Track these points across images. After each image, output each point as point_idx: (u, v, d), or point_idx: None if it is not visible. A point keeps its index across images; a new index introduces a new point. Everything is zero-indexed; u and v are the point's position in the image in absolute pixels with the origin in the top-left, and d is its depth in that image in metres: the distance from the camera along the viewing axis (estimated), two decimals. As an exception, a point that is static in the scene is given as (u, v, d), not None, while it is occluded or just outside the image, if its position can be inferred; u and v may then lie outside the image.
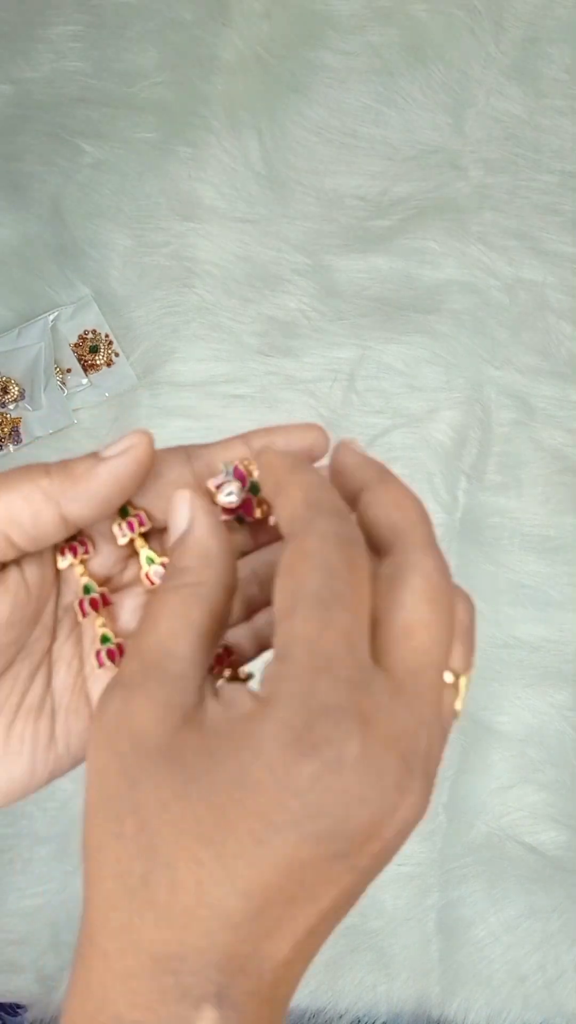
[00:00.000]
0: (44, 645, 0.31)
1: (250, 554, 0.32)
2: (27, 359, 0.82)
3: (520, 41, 0.89)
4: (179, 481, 0.31)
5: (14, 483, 0.28)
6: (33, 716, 0.30)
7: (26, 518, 0.28)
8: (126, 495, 0.29)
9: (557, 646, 0.80)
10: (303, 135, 0.87)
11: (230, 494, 0.30)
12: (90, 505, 0.28)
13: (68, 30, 0.87)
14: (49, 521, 0.28)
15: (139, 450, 0.29)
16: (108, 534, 0.31)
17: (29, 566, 0.30)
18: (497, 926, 0.76)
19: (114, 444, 0.29)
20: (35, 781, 0.30)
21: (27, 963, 0.74)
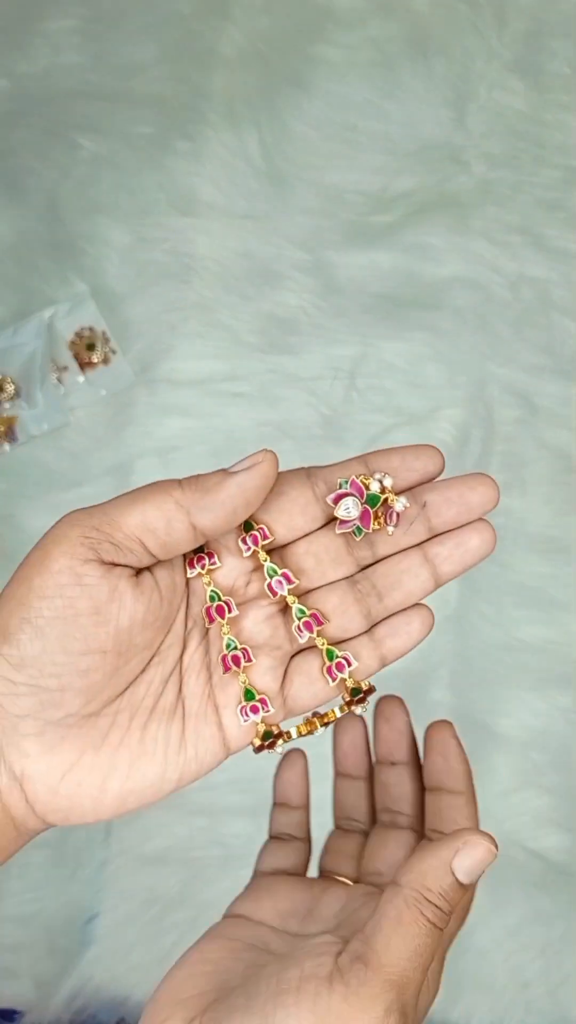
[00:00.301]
0: (176, 653, 0.33)
1: (370, 567, 0.34)
2: (23, 357, 0.81)
3: (523, 35, 0.88)
4: (301, 498, 0.34)
5: (149, 495, 0.31)
6: (166, 719, 0.32)
7: (160, 527, 0.31)
8: (251, 508, 0.32)
9: (561, 648, 0.79)
10: (303, 130, 0.86)
11: (348, 508, 0.33)
12: (218, 515, 0.31)
13: (65, 24, 0.87)
14: (181, 530, 0.31)
15: (265, 466, 0.31)
16: (233, 549, 0.34)
17: (162, 573, 0.32)
18: (500, 932, 0.75)
19: (242, 460, 0.32)
20: (165, 785, 0.32)
21: (23, 969, 0.74)
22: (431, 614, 0.35)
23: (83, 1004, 0.73)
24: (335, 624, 0.34)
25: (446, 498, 0.34)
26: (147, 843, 0.75)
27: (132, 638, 0.31)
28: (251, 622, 0.34)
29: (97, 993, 0.73)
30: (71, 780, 0.31)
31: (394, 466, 0.34)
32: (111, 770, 0.31)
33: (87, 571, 0.30)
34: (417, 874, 0.30)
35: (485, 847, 0.30)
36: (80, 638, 0.30)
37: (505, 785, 0.77)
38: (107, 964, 0.73)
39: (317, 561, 0.34)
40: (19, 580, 0.31)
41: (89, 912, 0.74)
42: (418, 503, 0.34)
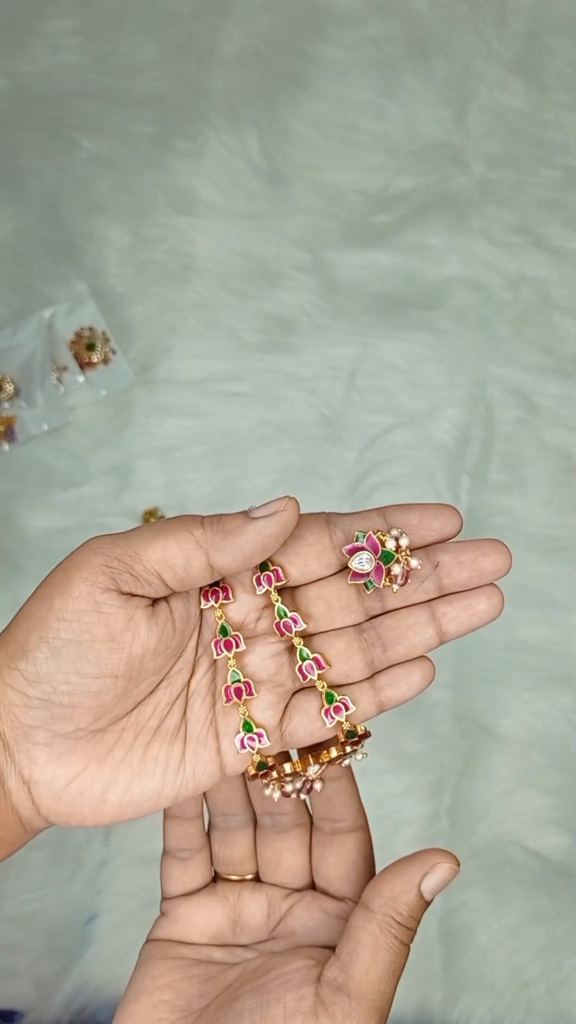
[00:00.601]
0: (184, 678, 0.35)
1: (378, 617, 0.35)
2: (23, 356, 0.81)
3: (523, 35, 0.88)
4: (318, 544, 0.35)
5: (172, 531, 0.32)
6: (168, 740, 0.34)
7: (179, 563, 0.32)
8: (269, 552, 0.33)
9: (561, 648, 0.79)
10: (303, 129, 0.86)
11: (362, 561, 0.34)
12: (236, 558, 0.32)
13: (65, 24, 0.87)
14: (198, 567, 0.32)
15: (286, 515, 0.32)
16: (248, 585, 0.35)
17: (177, 604, 0.34)
18: (500, 932, 0.75)
19: (265, 506, 0.33)
20: (161, 800, 0.33)
21: (23, 969, 0.74)
22: (432, 668, 0.35)
23: (83, 1004, 0.73)
24: (337, 669, 0.35)
25: (459, 561, 0.34)
26: (147, 843, 0.75)
27: (143, 664, 0.32)
28: (257, 657, 0.35)
29: (97, 993, 0.73)
30: (74, 789, 0.32)
31: (412, 523, 0.34)
32: (112, 783, 0.33)
33: (106, 599, 0.31)
34: (389, 899, 0.32)
35: (450, 868, 0.32)
36: (93, 662, 0.31)
37: (505, 785, 0.77)
38: (107, 964, 0.73)
39: (327, 606, 0.35)
40: (40, 599, 0.32)
41: (89, 912, 0.74)
42: (431, 563, 0.34)
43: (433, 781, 0.76)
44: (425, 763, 0.77)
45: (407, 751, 0.77)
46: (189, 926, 0.37)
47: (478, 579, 0.34)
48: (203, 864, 0.38)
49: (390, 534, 0.34)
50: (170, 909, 0.38)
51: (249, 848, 0.38)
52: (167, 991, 0.34)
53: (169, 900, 0.38)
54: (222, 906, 0.37)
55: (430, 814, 0.76)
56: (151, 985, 0.35)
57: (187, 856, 0.38)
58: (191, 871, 0.38)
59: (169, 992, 0.34)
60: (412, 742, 0.77)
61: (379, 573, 0.34)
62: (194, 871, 0.38)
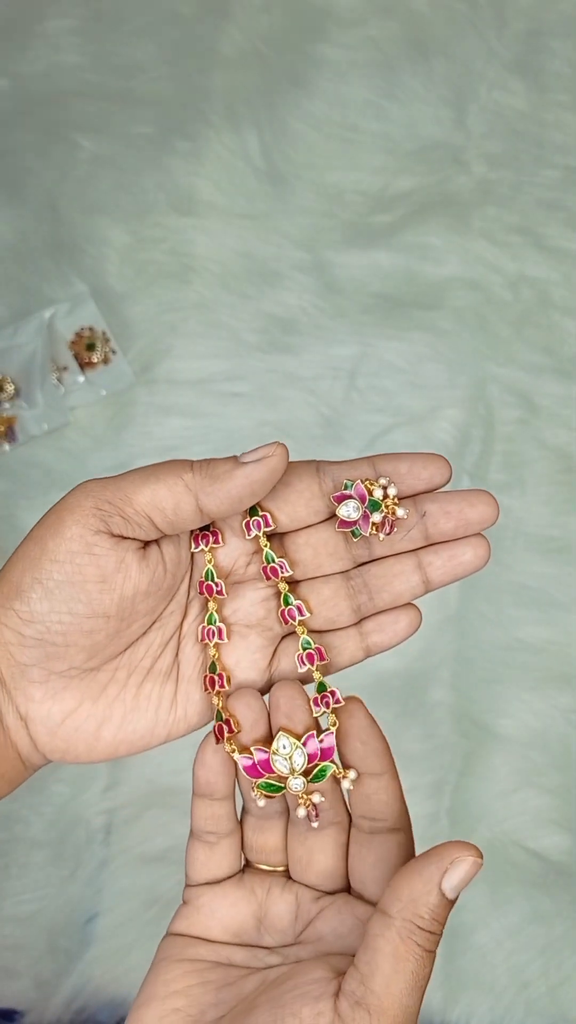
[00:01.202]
0: (177, 619, 0.35)
1: (365, 564, 0.36)
2: (23, 356, 0.81)
3: (522, 35, 0.88)
4: (307, 492, 0.35)
5: (162, 474, 0.32)
6: (161, 680, 0.35)
7: (168, 506, 0.32)
8: (257, 497, 0.33)
9: (561, 648, 0.79)
10: (303, 129, 0.86)
11: (349, 510, 0.34)
12: (224, 502, 0.32)
13: (65, 24, 0.87)
14: (188, 511, 0.33)
15: (274, 460, 0.32)
16: (238, 530, 0.35)
17: (168, 547, 0.34)
18: (500, 932, 0.75)
19: (254, 451, 0.33)
20: (154, 738, 0.35)
21: (23, 968, 0.74)
22: (419, 615, 0.36)
23: (83, 1004, 0.73)
24: (324, 615, 0.35)
25: (446, 511, 0.34)
26: (147, 843, 0.75)
27: (135, 605, 0.33)
28: (247, 602, 0.36)
29: (97, 993, 0.73)
30: (69, 725, 0.33)
31: (401, 472, 0.34)
32: (106, 719, 0.34)
33: (97, 541, 0.32)
34: (408, 902, 0.29)
35: (472, 861, 0.29)
36: (85, 602, 0.32)
37: (505, 785, 0.77)
38: (107, 964, 0.73)
39: (315, 553, 0.36)
40: (33, 540, 0.33)
41: (89, 912, 0.74)
42: (418, 512, 0.34)
43: (433, 781, 0.76)
44: (425, 763, 0.77)
45: (407, 751, 0.77)
46: (211, 919, 0.35)
47: (464, 529, 0.34)
48: (231, 851, 0.36)
49: (378, 483, 0.34)
50: (192, 897, 0.36)
51: (283, 837, 0.36)
52: (180, 998, 0.32)
53: (192, 887, 0.36)
54: (248, 900, 0.35)
55: (430, 814, 0.76)
56: (163, 991, 0.33)
57: (214, 840, 0.36)
58: (217, 857, 0.36)
59: (182, 999, 0.32)
60: (412, 742, 0.77)
61: (366, 521, 0.34)
62: (221, 857, 0.36)
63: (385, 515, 0.34)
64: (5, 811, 0.75)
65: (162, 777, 0.76)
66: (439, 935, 0.29)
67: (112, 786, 0.76)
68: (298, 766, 0.33)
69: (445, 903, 0.29)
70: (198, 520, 0.33)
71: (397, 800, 0.34)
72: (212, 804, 0.35)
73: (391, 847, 0.34)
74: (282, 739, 0.34)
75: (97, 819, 0.75)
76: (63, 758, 0.34)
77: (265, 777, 0.34)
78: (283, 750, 0.34)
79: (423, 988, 0.29)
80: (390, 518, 0.34)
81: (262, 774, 0.34)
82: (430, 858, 0.29)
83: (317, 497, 0.35)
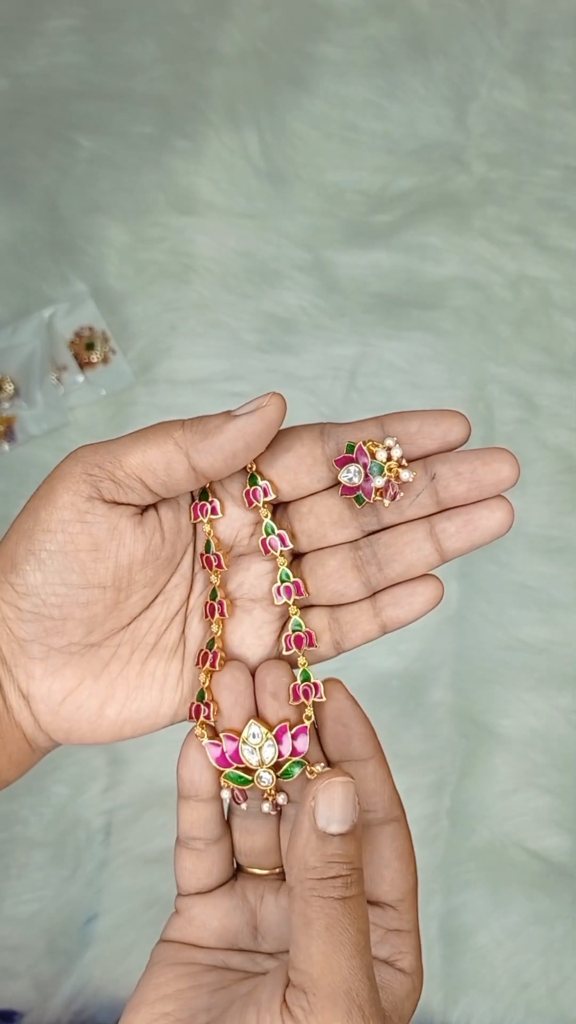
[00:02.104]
0: (183, 593, 0.34)
1: (374, 533, 0.33)
2: (22, 356, 0.81)
3: (523, 34, 0.88)
4: (309, 457, 0.33)
5: (151, 435, 0.31)
6: (166, 657, 0.33)
7: (160, 466, 0.31)
8: (253, 452, 0.31)
9: (561, 648, 0.79)
10: (303, 129, 0.86)
11: (351, 474, 0.31)
12: (217, 458, 0.31)
13: (65, 23, 0.87)
14: (180, 470, 0.31)
15: (269, 410, 0.30)
16: (239, 499, 0.33)
17: (166, 513, 0.33)
18: (500, 932, 0.75)
19: (247, 403, 0.31)
20: (160, 718, 0.33)
21: (22, 969, 0.74)
22: (439, 587, 0.33)
23: (83, 1005, 0.73)
24: (330, 588, 0.33)
25: (457, 472, 0.31)
26: (147, 843, 0.75)
27: (132, 575, 0.32)
28: (252, 575, 0.34)
29: (97, 994, 0.73)
30: (71, 703, 0.32)
31: (411, 431, 0.32)
32: (108, 698, 0.32)
33: (89, 508, 0.31)
34: (295, 860, 0.27)
35: (339, 783, 0.27)
36: (79, 572, 0.31)
37: (505, 785, 0.77)
38: (107, 965, 0.73)
39: (319, 522, 0.33)
40: (27, 512, 0.32)
41: (89, 912, 0.74)
42: (427, 474, 0.31)
43: (433, 781, 0.76)
44: (425, 763, 0.77)
45: (407, 751, 0.77)
46: (204, 930, 0.33)
47: (479, 492, 0.31)
48: (221, 857, 0.33)
49: (383, 444, 0.31)
50: (184, 908, 0.34)
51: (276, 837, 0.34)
52: (170, 1002, 0.30)
53: (183, 897, 0.34)
54: (241, 909, 0.33)
55: (430, 814, 0.76)
56: (153, 995, 0.31)
57: (202, 847, 0.33)
58: (206, 864, 0.33)
59: (172, 1003, 0.30)
60: (412, 742, 0.77)
61: (368, 489, 0.31)
62: (210, 865, 0.33)
63: (389, 479, 0.31)
64: (5, 811, 0.75)
65: (162, 777, 0.76)
66: (345, 875, 0.26)
67: (112, 786, 0.76)
68: (267, 759, 0.32)
69: (329, 839, 0.27)
70: (192, 480, 0.31)
71: (386, 786, 0.32)
72: (197, 807, 0.33)
73: (383, 840, 0.32)
74: (253, 727, 0.32)
75: (97, 819, 0.75)
76: (67, 738, 0.33)
77: (233, 767, 0.32)
78: (252, 739, 0.32)
79: (356, 942, 0.26)
80: (394, 482, 0.31)
81: (230, 764, 0.32)
82: (301, 804, 0.28)
83: (320, 462, 0.33)
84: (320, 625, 0.34)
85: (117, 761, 0.76)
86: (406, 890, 0.32)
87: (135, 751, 0.76)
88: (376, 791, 0.32)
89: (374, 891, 0.32)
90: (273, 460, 0.33)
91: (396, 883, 0.32)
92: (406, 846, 0.32)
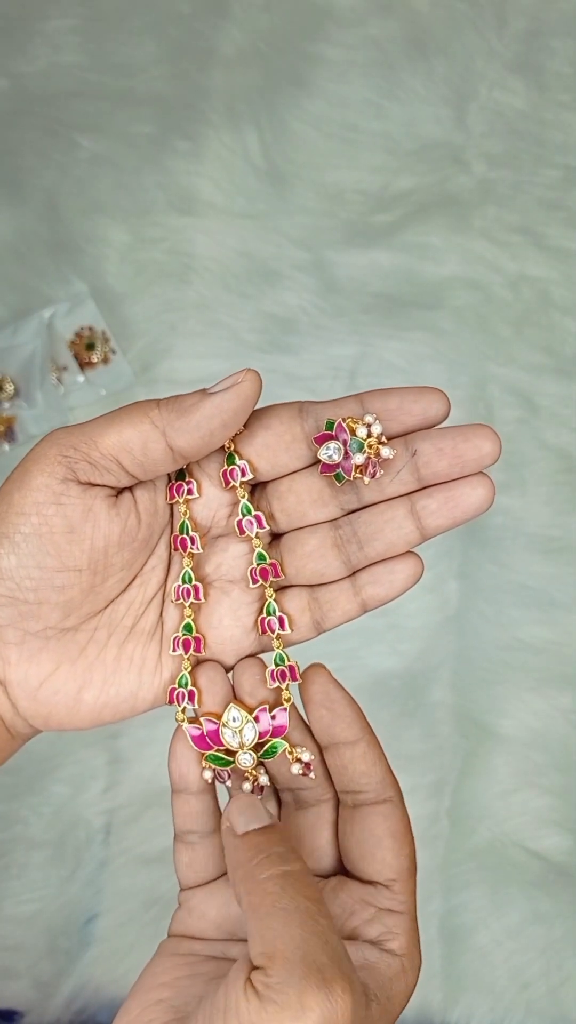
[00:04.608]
0: (159, 577, 0.33)
1: (355, 512, 0.33)
2: (22, 356, 0.81)
3: (523, 34, 0.88)
4: (288, 435, 0.32)
5: (127, 415, 0.30)
6: (144, 640, 0.33)
7: (136, 446, 0.30)
8: (230, 429, 0.30)
9: (561, 648, 0.79)
10: (303, 129, 0.86)
11: (330, 451, 0.31)
12: (194, 437, 0.30)
13: (65, 23, 0.87)
14: (157, 451, 0.30)
15: (245, 386, 0.30)
16: (216, 479, 0.33)
17: (142, 495, 0.32)
18: (500, 932, 0.75)
19: (223, 380, 0.30)
20: (139, 703, 0.33)
21: (23, 969, 0.74)
22: (419, 564, 0.33)
23: (83, 1005, 0.73)
24: (310, 567, 0.33)
25: (438, 448, 0.31)
26: (147, 843, 0.75)
27: (108, 558, 0.31)
28: (231, 556, 0.34)
29: (97, 994, 0.73)
30: (48, 688, 0.32)
31: (391, 408, 0.31)
32: (86, 682, 0.32)
33: (64, 490, 0.30)
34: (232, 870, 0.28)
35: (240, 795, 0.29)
36: (54, 555, 0.30)
37: (505, 785, 0.77)
38: (107, 964, 0.73)
39: (298, 501, 0.33)
40: (1, 495, 0.31)
41: (89, 912, 0.74)
42: (408, 451, 0.31)
43: (433, 781, 0.76)
44: (425, 763, 0.77)
45: (407, 751, 0.77)
46: (203, 920, 0.33)
47: (460, 468, 0.31)
48: (216, 849, 0.34)
49: (362, 421, 0.31)
50: (184, 900, 0.34)
51: None
52: (166, 989, 0.31)
53: (184, 891, 0.34)
54: None
55: (430, 814, 0.76)
56: (150, 983, 0.31)
57: (196, 840, 0.34)
58: (202, 857, 0.34)
59: (168, 991, 0.31)
60: (412, 742, 0.77)
61: (348, 463, 0.31)
62: (206, 857, 0.34)
63: (369, 456, 0.31)
64: (5, 811, 0.75)
65: (162, 777, 0.76)
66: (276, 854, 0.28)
67: (112, 786, 0.76)
68: (248, 740, 0.32)
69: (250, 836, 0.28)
70: (170, 461, 0.31)
71: (376, 767, 0.32)
72: (189, 800, 0.33)
73: (376, 820, 0.32)
74: (232, 711, 0.32)
75: (97, 819, 0.75)
76: (46, 724, 0.32)
77: (213, 749, 0.32)
78: (233, 723, 0.32)
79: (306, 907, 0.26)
80: (374, 459, 0.31)
81: (210, 746, 0.32)
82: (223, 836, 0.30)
83: (299, 440, 0.32)
84: (299, 605, 0.33)
85: (117, 761, 0.76)
86: (400, 870, 0.32)
87: (135, 751, 0.76)
88: (366, 772, 0.32)
89: (365, 869, 0.32)
90: (251, 439, 0.32)
91: (388, 862, 0.32)
92: (400, 826, 0.32)
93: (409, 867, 0.32)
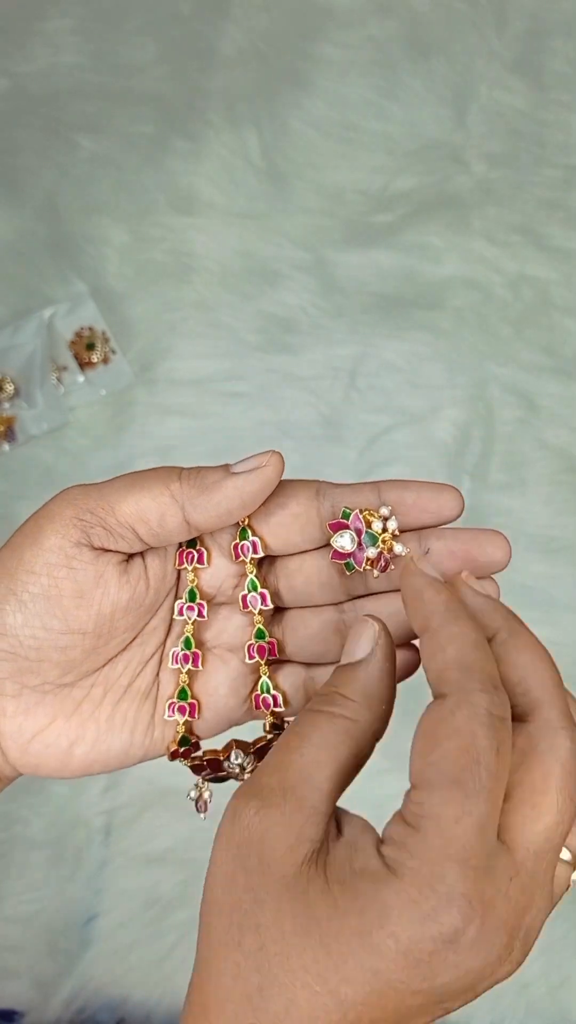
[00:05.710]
0: (159, 637, 0.34)
1: (360, 598, 0.33)
2: (23, 356, 0.81)
3: (523, 34, 0.88)
4: (303, 516, 0.32)
5: (148, 483, 0.30)
6: (139, 700, 0.33)
7: (153, 517, 0.30)
8: (248, 509, 0.31)
9: (561, 648, 0.79)
10: (303, 129, 0.86)
11: (344, 541, 0.31)
12: (212, 515, 0.30)
13: (65, 23, 0.87)
14: (173, 522, 0.30)
15: (268, 470, 0.30)
16: (227, 549, 0.33)
17: (152, 561, 0.32)
18: (500, 932, 0.75)
19: (246, 460, 0.31)
20: (129, 759, 0.33)
21: (23, 969, 0.74)
22: (417, 656, 0.33)
23: (83, 1004, 0.73)
24: (311, 649, 0.33)
25: (450, 551, 0.31)
26: (147, 843, 0.75)
27: (114, 622, 0.31)
28: (233, 625, 0.34)
29: (97, 994, 0.73)
30: (40, 742, 0.32)
31: (407, 503, 0.31)
32: (78, 738, 0.32)
33: (76, 554, 0.30)
34: None
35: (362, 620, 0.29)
36: (61, 618, 0.30)
37: (505, 785, 0.77)
38: (107, 964, 0.73)
39: (306, 581, 0.33)
40: (11, 549, 0.31)
41: (89, 913, 0.74)
42: (421, 548, 0.31)
43: (433, 781, 0.76)
44: (425, 763, 0.77)
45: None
46: None
47: (470, 571, 0.32)
48: None
49: (379, 514, 0.31)
50: None
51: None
52: None
53: None
54: None
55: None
56: None
57: None
58: None
59: None
60: (412, 742, 0.77)
61: (359, 558, 0.31)
62: None
63: (381, 551, 0.31)
64: (5, 811, 0.75)
65: (162, 777, 0.76)
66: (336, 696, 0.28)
67: (112, 786, 0.76)
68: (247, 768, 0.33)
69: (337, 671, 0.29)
70: (185, 533, 0.31)
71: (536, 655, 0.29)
72: None
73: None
74: (235, 753, 0.33)
75: (97, 819, 0.75)
76: (35, 772, 0.32)
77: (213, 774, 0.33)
78: (235, 759, 0.33)
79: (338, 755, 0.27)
80: (387, 554, 0.31)
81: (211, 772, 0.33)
82: None
83: (314, 523, 0.32)
84: (295, 683, 0.34)
85: (117, 761, 0.76)
86: None
87: (135, 751, 0.76)
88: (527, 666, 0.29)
89: None
90: (267, 516, 0.32)
91: None
92: None
93: None
